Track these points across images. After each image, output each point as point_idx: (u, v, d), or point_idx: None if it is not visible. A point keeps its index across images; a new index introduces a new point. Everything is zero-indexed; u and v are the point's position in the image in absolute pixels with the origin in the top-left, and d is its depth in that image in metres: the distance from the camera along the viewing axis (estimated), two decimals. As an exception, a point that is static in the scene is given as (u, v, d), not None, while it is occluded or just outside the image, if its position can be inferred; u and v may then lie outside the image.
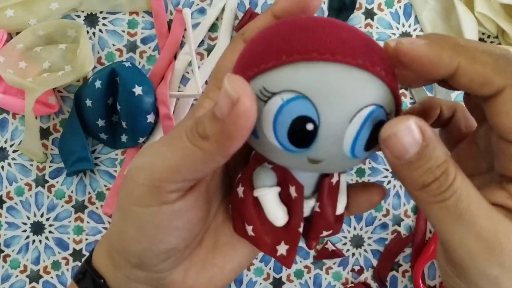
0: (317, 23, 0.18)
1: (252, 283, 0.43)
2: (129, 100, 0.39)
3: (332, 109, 0.17)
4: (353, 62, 0.17)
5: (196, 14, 0.44)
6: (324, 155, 0.18)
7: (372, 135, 0.18)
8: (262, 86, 0.17)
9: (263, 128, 0.18)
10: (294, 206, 0.21)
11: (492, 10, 0.43)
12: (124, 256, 0.22)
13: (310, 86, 0.17)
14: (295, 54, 0.17)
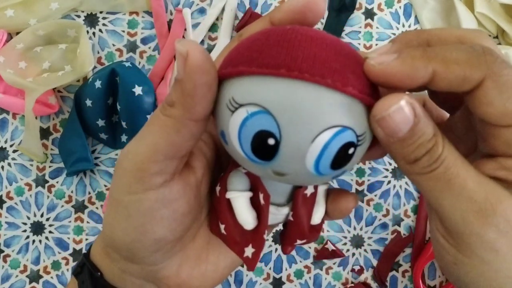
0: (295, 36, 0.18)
1: (252, 283, 0.43)
2: (129, 100, 0.39)
3: (294, 128, 0.17)
4: (322, 82, 0.16)
5: (196, 14, 0.44)
6: (287, 170, 0.18)
7: (340, 156, 0.17)
8: (231, 96, 0.18)
9: (230, 137, 0.18)
10: (262, 213, 0.21)
11: (492, 10, 0.43)
12: (115, 248, 0.22)
13: (274, 102, 0.17)
14: (264, 67, 0.17)
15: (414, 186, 0.45)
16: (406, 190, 0.44)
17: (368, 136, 0.18)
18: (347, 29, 0.45)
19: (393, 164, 0.44)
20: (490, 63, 0.18)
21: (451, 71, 0.18)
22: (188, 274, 0.23)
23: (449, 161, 0.18)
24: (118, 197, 0.21)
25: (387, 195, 0.44)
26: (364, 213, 0.44)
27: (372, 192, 0.44)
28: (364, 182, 0.44)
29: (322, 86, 0.17)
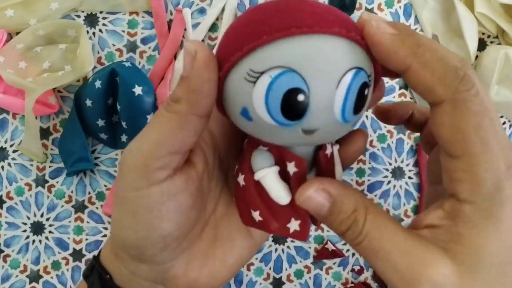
0: (287, 3, 0.19)
1: (252, 283, 0.43)
2: (129, 100, 0.39)
3: (319, 78, 0.18)
4: (330, 31, 0.18)
5: (196, 14, 0.44)
6: (317, 124, 0.19)
7: (360, 97, 0.19)
8: (249, 68, 0.18)
9: (255, 109, 0.18)
10: (296, 180, 0.21)
11: (492, 10, 0.43)
12: (124, 248, 0.22)
13: (295, 59, 0.17)
14: (274, 32, 0.18)
15: (414, 186, 0.45)
16: (406, 190, 0.44)
17: (373, 77, 0.20)
18: (347, 29, 0.45)
19: (393, 164, 0.44)
20: (461, 89, 0.18)
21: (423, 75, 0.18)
22: (196, 273, 0.23)
23: (372, 234, 0.19)
24: (123, 194, 0.21)
25: (387, 195, 0.44)
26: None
27: (372, 192, 0.44)
28: (364, 182, 0.44)
29: (331, 35, 0.18)
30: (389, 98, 0.45)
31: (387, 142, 0.44)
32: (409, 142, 0.45)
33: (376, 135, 0.44)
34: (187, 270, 0.23)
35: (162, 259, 0.22)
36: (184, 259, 0.23)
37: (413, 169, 0.45)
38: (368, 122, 0.44)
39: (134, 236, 0.21)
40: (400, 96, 0.45)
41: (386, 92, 0.45)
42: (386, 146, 0.44)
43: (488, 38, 0.46)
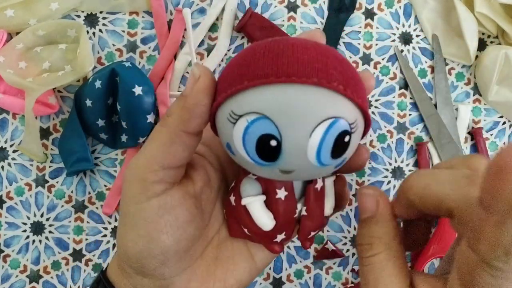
0: (278, 46, 0.20)
1: (252, 283, 0.43)
2: (129, 100, 0.39)
3: (291, 126, 0.19)
4: (308, 81, 0.18)
5: (196, 14, 0.44)
6: (293, 166, 0.20)
7: (338, 144, 0.19)
8: (231, 109, 0.20)
9: (236, 147, 0.20)
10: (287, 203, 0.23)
11: (492, 10, 0.43)
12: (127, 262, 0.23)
13: (269, 107, 0.19)
14: (255, 79, 0.19)
15: (414, 186, 0.45)
16: (406, 190, 0.44)
17: (359, 123, 0.20)
18: (347, 29, 0.45)
19: (393, 164, 0.44)
20: None
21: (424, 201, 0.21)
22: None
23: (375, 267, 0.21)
24: (125, 209, 0.22)
25: (387, 195, 0.44)
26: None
27: (372, 192, 0.44)
28: (364, 182, 0.44)
29: (309, 85, 0.19)
30: (389, 98, 0.45)
31: (387, 142, 0.44)
32: (409, 142, 0.45)
33: (376, 135, 0.44)
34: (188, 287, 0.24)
35: (163, 274, 0.23)
36: (185, 276, 0.24)
37: (413, 169, 0.44)
38: (368, 122, 0.44)
39: (135, 248, 0.22)
40: (400, 96, 0.45)
41: (386, 92, 0.45)
42: (386, 146, 0.44)
43: (488, 38, 0.46)
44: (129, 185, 0.22)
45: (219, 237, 0.26)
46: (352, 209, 0.44)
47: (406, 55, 0.45)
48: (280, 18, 0.44)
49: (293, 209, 0.23)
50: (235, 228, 0.25)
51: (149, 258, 0.22)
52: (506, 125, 0.45)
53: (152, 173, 0.21)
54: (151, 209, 0.22)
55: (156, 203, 0.22)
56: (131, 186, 0.22)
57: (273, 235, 0.23)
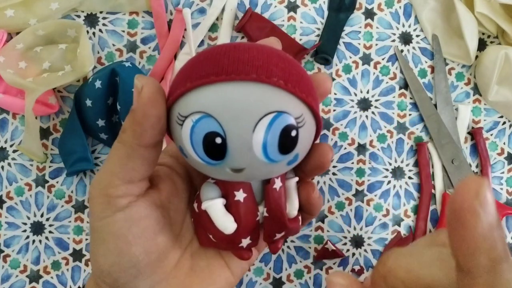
0: (221, 49, 0.20)
1: (252, 283, 0.43)
2: (129, 100, 0.39)
3: (234, 122, 0.19)
4: (247, 78, 0.19)
5: (196, 14, 0.44)
6: (242, 163, 0.20)
7: (284, 138, 0.19)
8: (178, 112, 0.20)
9: (186, 148, 0.20)
10: (247, 205, 0.23)
11: (492, 10, 0.43)
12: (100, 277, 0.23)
13: (211, 105, 0.19)
14: (197, 80, 0.19)
15: (414, 186, 0.45)
16: (406, 190, 0.44)
17: (307, 118, 0.20)
18: (347, 29, 0.45)
19: (393, 164, 0.44)
20: None
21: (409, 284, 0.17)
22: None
23: None
24: (93, 224, 0.22)
25: (387, 195, 0.44)
26: (364, 213, 0.44)
27: (372, 192, 0.44)
28: (364, 182, 0.44)
29: (248, 82, 0.19)
30: (389, 98, 0.45)
31: (387, 142, 0.44)
32: (409, 142, 0.45)
33: (376, 135, 0.44)
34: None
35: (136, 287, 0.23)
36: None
37: (413, 169, 0.44)
38: (368, 122, 0.44)
39: (106, 262, 0.22)
40: (400, 96, 0.45)
41: (386, 92, 0.45)
42: (386, 146, 0.44)
43: (488, 38, 0.45)
44: (93, 201, 0.22)
45: (192, 248, 0.25)
46: (352, 209, 0.44)
47: (406, 55, 0.45)
48: (280, 18, 0.44)
49: (253, 211, 0.23)
50: (203, 237, 0.25)
51: (121, 272, 0.22)
52: (506, 125, 0.45)
53: (114, 188, 0.21)
54: (117, 223, 0.22)
55: (122, 217, 0.22)
56: (95, 202, 0.22)
57: (237, 240, 0.23)
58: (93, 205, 0.22)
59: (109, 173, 0.21)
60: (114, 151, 0.21)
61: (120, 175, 0.21)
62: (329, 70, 0.44)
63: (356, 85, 0.45)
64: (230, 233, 0.23)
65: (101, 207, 0.22)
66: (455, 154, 0.44)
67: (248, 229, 0.23)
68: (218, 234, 0.23)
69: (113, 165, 0.21)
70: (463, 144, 0.45)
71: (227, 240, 0.23)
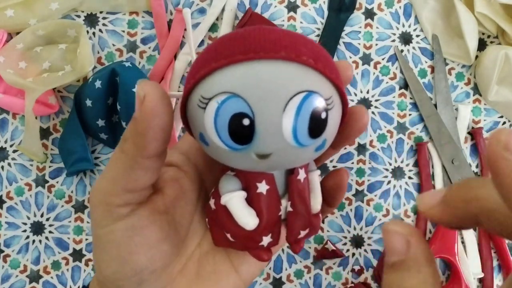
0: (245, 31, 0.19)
1: (252, 283, 0.43)
2: (129, 100, 0.39)
3: (263, 102, 0.18)
4: (277, 56, 0.18)
5: (196, 14, 0.44)
6: (269, 148, 0.19)
7: (314, 120, 0.18)
8: (200, 95, 0.19)
9: (208, 134, 0.19)
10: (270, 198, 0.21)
11: (492, 10, 0.43)
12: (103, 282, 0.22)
13: (239, 85, 0.18)
14: (222, 59, 0.18)
15: (414, 186, 0.45)
16: (406, 190, 0.44)
17: (336, 100, 0.19)
18: (347, 29, 0.45)
19: (393, 164, 0.44)
20: None
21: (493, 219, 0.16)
22: None
23: None
24: (94, 232, 0.22)
25: (387, 195, 0.44)
26: (364, 213, 0.44)
27: (372, 192, 0.44)
28: (364, 182, 0.44)
29: (278, 60, 0.18)
30: (389, 98, 0.45)
31: (387, 142, 0.44)
32: (409, 142, 0.45)
33: (376, 135, 0.44)
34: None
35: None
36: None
37: (413, 169, 0.44)
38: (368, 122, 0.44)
39: (109, 270, 0.21)
40: (400, 96, 0.45)
41: (386, 92, 0.45)
42: (386, 146, 0.44)
43: (488, 38, 0.45)
44: (94, 209, 0.21)
45: (200, 251, 0.24)
46: (352, 209, 0.44)
47: (406, 55, 0.45)
48: (280, 18, 0.44)
49: (276, 204, 0.21)
50: (219, 236, 0.23)
51: (124, 280, 0.21)
52: (506, 125, 0.45)
53: (115, 196, 0.20)
54: (119, 232, 0.21)
55: (123, 226, 0.21)
56: (96, 210, 0.21)
57: (258, 238, 0.22)
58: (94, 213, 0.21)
59: (110, 181, 0.20)
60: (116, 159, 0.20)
61: (122, 184, 0.20)
62: (329, 70, 0.44)
63: (356, 85, 0.45)
64: (251, 228, 0.21)
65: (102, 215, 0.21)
66: (455, 154, 0.44)
67: (270, 225, 0.21)
68: (237, 231, 0.21)
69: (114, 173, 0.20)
70: (463, 144, 0.45)
71: (247, 238, 0.22)
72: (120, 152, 0.20)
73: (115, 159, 0.20)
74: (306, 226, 0.22)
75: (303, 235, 0.23)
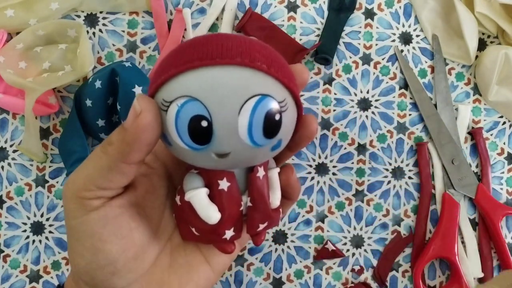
0: (204, 37, 0.20)
1: (252, 283, 0.43)
2: (129, 100, 0.39)
3: (220, 105, 0.19)
4: (232, 61, 0.19)
5: (196, 14, 0.44)
6: (226, 147, 0.20)
7: (268, 121, 0.20)
8: (162, 98, 0.20)
9: (170, 135, 0.20)
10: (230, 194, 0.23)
11: (492, 10, 0.43)
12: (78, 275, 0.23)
13: (197, 89, 0.19)
14: (181, 65, 0.19)
15: (414, 186, 0.45)
16: (406, 190, 0.44)
17: (290, 103, 0.21)
18: (347, 29, 0.45)
19: (393, 164, 0.44)
20: None
21: None
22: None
23: None
24: (67, 223, 0.22)
25: (387, 195, 0.44)
26: (364, 213, 0.44)
27: (372, 192, 0.44)
28: (364, 182, 0.44)
29: (233, 66, 0.19)
30: (389, 98, 0.45)
31: (387, 142, 0.44)
32: (409, 142, 0.45)
33: (376, 135, 0.44)
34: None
35: (114, 285, 0.23)
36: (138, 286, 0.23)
37: (413, 169, 0.44)
38: (368, 122, 0.44)
39: (83, 261, 0.22)
40: (400, 96, 0.45)
41: (386, 92, 0.45)
42: (386, 146, 0.44)
43: (488, 38, 0.46)
44: (66, 202, 0.22)
45: (171, 244, 0.25)
46: (352, 209, 0.44)
47: (406, 55, 0.45)
48: (280, 18, 0.44)
49: (237, 200, 0.23)
50: (185, 231, 0.24)
51: (98, 270, 0.22)
52: (506, 125, 0.45)
53: (88, 192, 0.21)
54: (91, 222, 0.22)
55: (95, 216, 0.22)
56: (69, 202, 0.22)
57: (221, 231, 0.23)
58: (67, 205, 0.22)
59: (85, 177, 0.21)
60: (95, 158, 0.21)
61: (97, 182, 0.21)
62: (329, 70, 0.44)
63: (356, 85, 0.45)
64: (214, 223, 0.22)
65: (74, 207, 0.22)
66: (455, 154, 0.44)
67: (232, 219, 0.23)
68: (201, 226, 0.23)
69: (91, 171, 0.21)
70: (463, 144, 0.45)
71: (210, 232, 0.23)
72: (102, 152, 0.21)
73: (95, 158, 0.21)
74: (265, 220, 0.24)
75: (262, 228, 0.24)
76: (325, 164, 0.44)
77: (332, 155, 0.44)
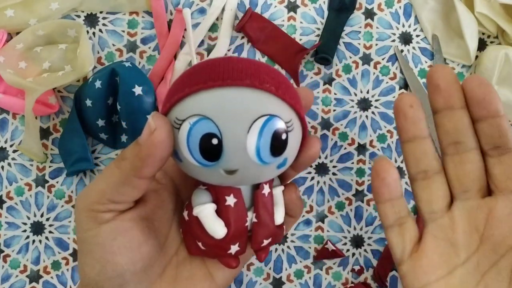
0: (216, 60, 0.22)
1: (252, 283, 0.43)
2: (129, 100, 0.39)
3: (230, 124, 0.20)
4: (242, 83, 0.21)
5: (196, 14, 0.44)
6: (235, 165, 0.21)
7: (275, 140, 0.21)
8: (175, 116, 0.21)
9: (182, 151, 0.21)
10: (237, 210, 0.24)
11: (492, 10, 0.43)
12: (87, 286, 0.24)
13: (209, 108, 0.20)
14: (194, 85, 0.21)
15: (414, 186, 0.45)
16: (406, 190, 0.44)
17: (296, 123, 0.22)
18: (347, 29, 0.45)
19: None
20: None
21: None
22: None
23: None
24: (79, 235, 0.23)
25: (387, 195, 0.44)
26: (364, 213, 0.44)
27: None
28: (364, 182, 0.44)
29: (243, 87, 0.21)
30: (389, 98, 0.45)
31: (387, 142, 0.44)
32: (409, 142, 0.45)
33: (376, 135, 0.44)
34: None
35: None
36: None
37: (413, 169, 0.44)
38: (368, 122, 0.44)
39: (92, 272, 0.23)
40: (400, 96, 0.45)
41: (386, 92, 0.45)
42: (386, 146, 0.44)
43: (488, 38, 0.46)
44: (79, 214, 0.23)
45: (177, 258, 0.26)
46: (352, 209, 0.44)
47: (406, 55, 0.45)
48: (280, 18, 0.44)
49: (243, 216, 0.24)
50: (192, 245, 0.25)
51: (106, 281, 0.23)
52: (506, 125, 0.45)
53: (101, 205, 0.22)
54: (102, 234, 0.22)
55: (107, 229, 0.22)
56: (81, 215, 0.23)
57: (226, 246, 0.24)
58: (79, 217, 0.23)
59: (98, 191, 0.22)
60: (109, 173, 0.22)
61: (109, 196, 0.22)
62: (329, 70, 0.44)
63: (356, 85, 0.45)
64: (220, 238, 0.23)
65: (86, 220, 0.22)
66: (455, 154, 0.44)
67: (237, 234, 0.24)
68: (207, 240, 0.24)
69: (104, 185, 0.22)
70: (463, 144, 0.45)
71: (216, 246, 0.24)
72: (116, 167, 0.22)
73: (108, 172, 0.22)
74: (269, 236, 0.25)
75: (266, 243, 0.25)
76: (325, 164, 0.44)
77: (332, 155, 0.44)
